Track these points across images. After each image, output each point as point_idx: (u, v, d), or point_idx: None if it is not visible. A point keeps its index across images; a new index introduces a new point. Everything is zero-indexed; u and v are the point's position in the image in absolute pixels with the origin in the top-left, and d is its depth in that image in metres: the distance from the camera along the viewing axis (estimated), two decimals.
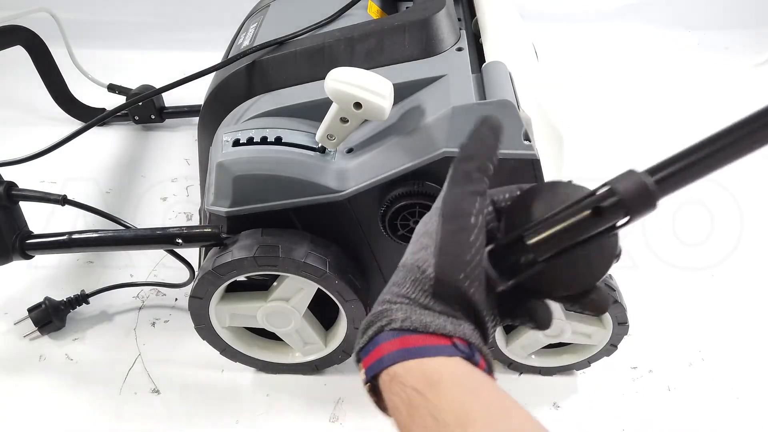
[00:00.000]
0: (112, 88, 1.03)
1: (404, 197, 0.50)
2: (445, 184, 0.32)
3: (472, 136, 0.33)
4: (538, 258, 0.30)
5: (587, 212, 0.29)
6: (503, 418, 0.26)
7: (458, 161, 0.32)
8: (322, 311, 0.61)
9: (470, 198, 0.31)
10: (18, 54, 0.94)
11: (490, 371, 0.30)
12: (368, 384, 0.30)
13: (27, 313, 0.70)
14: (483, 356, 0.29)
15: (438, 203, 0.32)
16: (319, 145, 0.54)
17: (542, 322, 0.32)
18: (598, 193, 0.29)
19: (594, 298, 0.32)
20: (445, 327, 0.28)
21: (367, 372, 0.29)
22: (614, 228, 0.29)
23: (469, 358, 0.28)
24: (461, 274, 0.29)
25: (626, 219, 0.28)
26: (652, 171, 0.28)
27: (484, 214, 0.31)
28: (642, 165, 0.28)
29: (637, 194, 0.28)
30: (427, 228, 0.31)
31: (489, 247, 0.31)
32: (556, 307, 0.59)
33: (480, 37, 0.63)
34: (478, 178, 0.31)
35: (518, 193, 0.34)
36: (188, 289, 0.60)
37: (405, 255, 0.32)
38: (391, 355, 0.28)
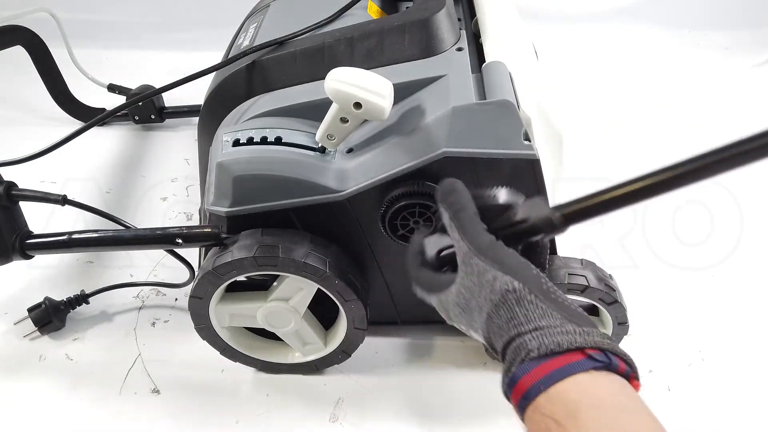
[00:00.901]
0: (112, 88, 1.03)
1: (404, 197, 0.50)
2: (456, 233, 0.37)
3: (449, 193, 0.39)
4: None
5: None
6: None
7: (456, 212, 0.37)
8: (322, 311, 0.61)
9: (483, 232, 0.36)
10: (18, 54, 0.94)
11: (632, 370, 0.30)
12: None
13: (27, 313, 0.70)
14: (620, 357, 0.30)
15: (464, 254, 0.36)
16: (319, 145, 0.54)
17: None
18: (516, 218, 0.37)
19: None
20: (576, 340, 0.29)
21: (519, 409, 0.30)
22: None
23: (608, 366, 0.29)
24: (533, 270, 0.34)
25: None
26: (559, 207, 0.36)
27: None
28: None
29: (546, 225, 0.36)
30: (474, 279, 0.35)
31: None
32: None
33: (480, 37, 0.63)
34: (477, 218, 0.37)
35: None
36: (188, 289, 0.60)
37: (473, 307, 0.35)
38: (534, 387, 0.29)
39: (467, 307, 0.35)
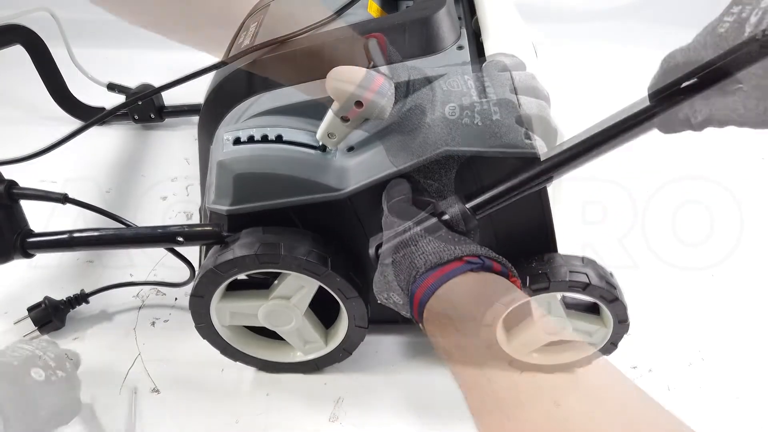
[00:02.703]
0: (112, 87, 1.03)
1: None
2: (391, 202, 0.45)
3: (393, 186, 0.47)
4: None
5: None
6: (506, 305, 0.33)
7: (390, 194, 0.46)
8: (323, 310, 0.61)
9: (399, 199, 0.46)
10: (18, 54, 0.94)
11: (507, 269, 0.37)
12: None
13: (27, 312, 0.69)
14: (494, 260, 0.37)
15: (384, 216, 0.44)
16: (320, 143, 0.54)
17: None
18: (438, 211, 0.44)
19: None
20: (454, 252, 0.36)
21: (419, 317, 0.36)
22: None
23: (482, 267, 0.36)
24: (431, 220, 0.43)
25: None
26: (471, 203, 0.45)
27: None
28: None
29: (462, 216, 0.43)
30: (390, 233, 0.42)
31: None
32: (556, 307, 0.59)
33: (480, 35, 0.63)
34: (404, 198, 0.46)
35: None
36: (188, 288, 0.60)
37: (388, 262, 0.41)
38: (425, 294, 0.35)
39: (385, 264, 0.41)
